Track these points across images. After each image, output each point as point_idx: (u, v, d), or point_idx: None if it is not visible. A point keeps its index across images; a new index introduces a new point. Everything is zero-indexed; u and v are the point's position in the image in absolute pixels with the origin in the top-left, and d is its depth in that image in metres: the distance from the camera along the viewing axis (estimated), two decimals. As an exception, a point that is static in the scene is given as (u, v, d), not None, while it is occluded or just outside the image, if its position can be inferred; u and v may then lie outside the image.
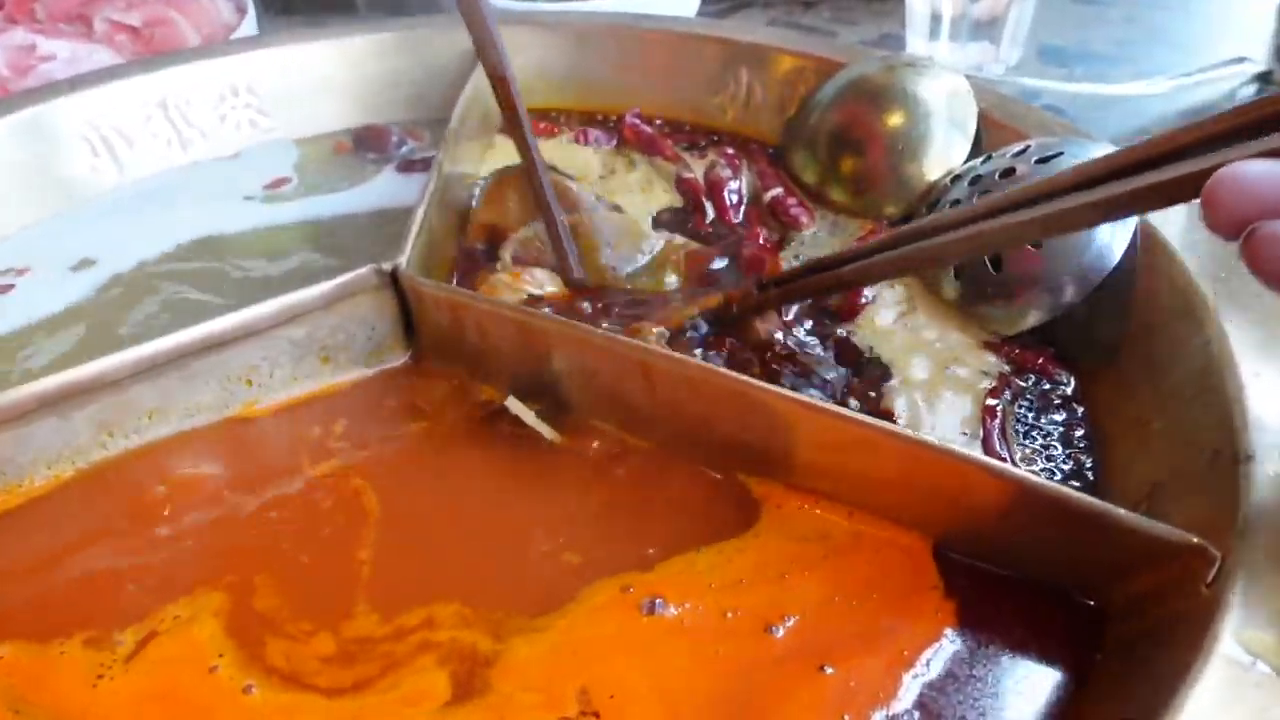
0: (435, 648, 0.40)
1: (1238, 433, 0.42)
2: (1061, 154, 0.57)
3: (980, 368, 0.55)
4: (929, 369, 0.55)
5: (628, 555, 0.44)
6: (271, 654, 0.40)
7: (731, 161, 0.71)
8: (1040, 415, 0.52)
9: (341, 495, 0.48)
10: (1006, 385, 0.54)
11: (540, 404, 0.51)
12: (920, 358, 0.56)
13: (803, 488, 0.47)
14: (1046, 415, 0.52)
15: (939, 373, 0.55)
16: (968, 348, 0.56)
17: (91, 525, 0.47)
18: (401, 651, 0.40)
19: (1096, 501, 0.40)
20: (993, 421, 0.52)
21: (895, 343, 0.57)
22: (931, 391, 0.53)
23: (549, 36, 0.79)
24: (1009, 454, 0.50)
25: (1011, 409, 0.53)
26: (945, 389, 0.54)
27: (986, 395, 0.53)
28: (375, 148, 0.76)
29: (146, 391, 0.49)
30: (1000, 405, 0.53)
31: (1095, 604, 0.42)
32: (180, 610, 0.42)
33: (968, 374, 0.55)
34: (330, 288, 0.52)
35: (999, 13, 0.92)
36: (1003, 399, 0.53)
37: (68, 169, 0.70)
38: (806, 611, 0.42)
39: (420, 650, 0.40)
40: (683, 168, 0.70)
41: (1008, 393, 0.53)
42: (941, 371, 0.55)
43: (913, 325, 0.58)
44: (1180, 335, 0.49)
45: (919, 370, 0.55)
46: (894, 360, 0.55)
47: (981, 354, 0.56)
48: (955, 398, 0.53)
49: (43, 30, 0.86)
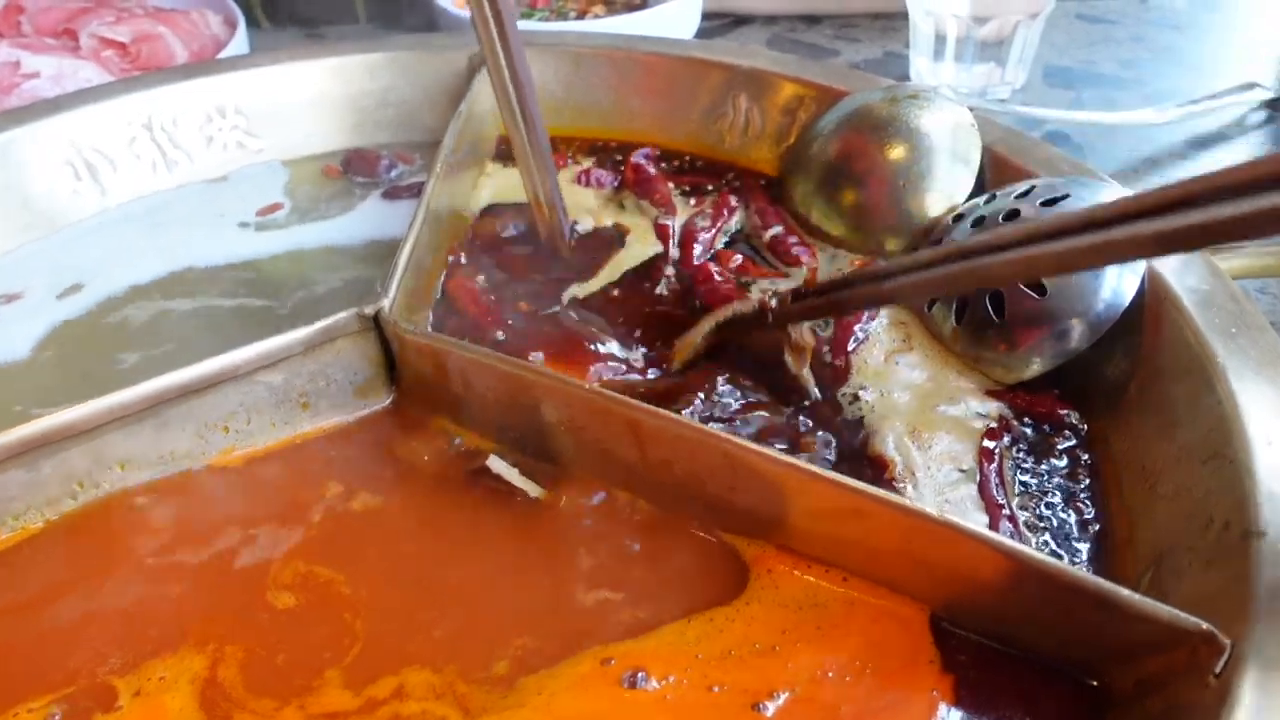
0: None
1: (1249, 505, 0.40)
2: (1068, 195, 0.55)
3: (979, 409, 0.53)
4: (921, 407, 0.53)
5: (612, 622, 0.42)
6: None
7: (725, 208, 0.69)
8: (1042, 463, 0.51)
9: (316, 552, 0.46)
10: (1006, 429, 0.52)
11: (525, 456, 0.49)
12: (913, 396, 0.54)
13: (796, 552, 0.45)
14: (1049, 464, 0.51)
15: (931, 413, 0.53)
16: (968, 391, 0.54)
17: (58, 581, 0.45)
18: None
19: (1098, 580, 0.38)
20: (990, 465, 0.50)
21: (889, 382, 0.55)
22: (924, 431, 0.52)
23: (546, 58, 0.77)
24: (1006, 499, 0.49)
25: (1009, 452, 0.51)
26: (940, 430, 0.52)
27: (983, 436, 0.52)
28: (364, 171, 0.74)
29: (119, 440, 0.48)
30: (998, 448, 0.51)
31: (1099, 686, 0.40)
32: (147, 677, 0.41)
33: (963, 413, 0.53)
34: (310, 332, 0.50)
35: (1005, 35, 0.91)
36: (1000, 442, 0.52)
37: (49, 194, 0.68)
38: (797, 687, 0.40)
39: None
40: (664, 214, 0.69)
41: (1007, 436, 0.52)
42: (934, 411, 0.53)
43: (908, 366, 0.56)
44: (1189, 392, 0.47)
45: (912, 407, 0.53)
46: (885, 398, 0.54)
47: (983, 399, 0.54)
48: (950, 439, 0.51)
49: (29, 45, 0.84)
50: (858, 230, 0.65)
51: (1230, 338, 0.48)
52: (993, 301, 0.54)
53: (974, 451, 0.51)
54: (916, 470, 0.50)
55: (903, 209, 0.63)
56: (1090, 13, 1.11)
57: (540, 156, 0.59)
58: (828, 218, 0.66)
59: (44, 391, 0.55)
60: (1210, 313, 0.49)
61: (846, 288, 0.50)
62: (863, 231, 0.65)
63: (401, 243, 0.55)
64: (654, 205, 0.69)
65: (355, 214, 0.70)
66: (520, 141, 0.59)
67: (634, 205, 0.70)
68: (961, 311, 0.56)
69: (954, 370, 0.56)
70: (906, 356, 0.57)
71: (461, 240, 0.65)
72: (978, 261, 0.43)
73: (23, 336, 0.59)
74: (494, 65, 0.56)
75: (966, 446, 0.51)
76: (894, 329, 0.58)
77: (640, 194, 0.70)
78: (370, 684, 0.40)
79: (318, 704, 0.39)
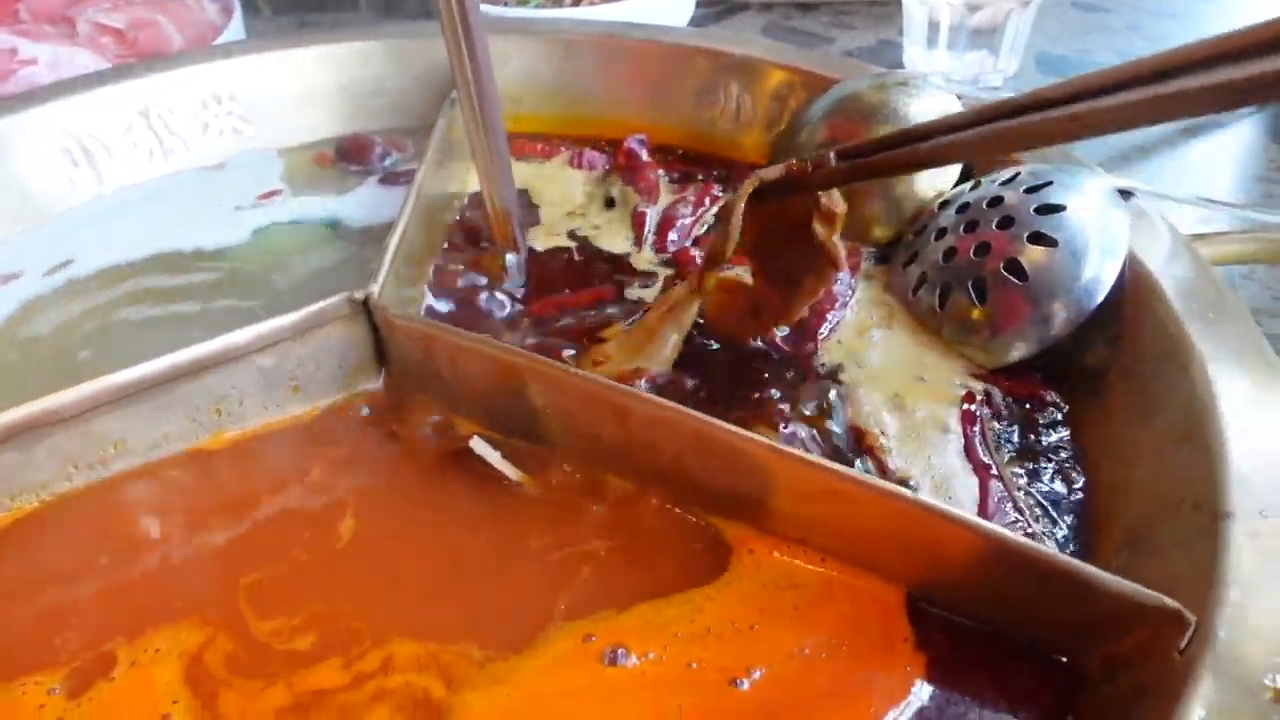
0: (390, 695, 0.40)
1: (1218, 487, 0.41)
2: (1051, 183, 0.56)
3: (960, 384, 0.54)
4: (902, 378, 0.55)
5: (594, 600, 0.43)
6: (224, 704, 0.39)
7: (707, 196, 0.69)
8: (1023, 446, 0.51)
9: (304, 531, 0.47)
10: (987, 401, 0.53)
11: (510, 439, 0.50)
12: (893, 369, 0.55)
13: (776, 533, 0.46)
14: (1029, 446, 0.51)
15: (913, 383, 0.54)
16: (950, 372, 0.55)
17: (54, 560, 0.46)
18: (357, 701, 0.39)
19: (1070, 560, 0.39)
20: (972, 427, 0.51)
21: (866, 355, 0.56)
22: (906, 399, 0.53)
23: (537, 45, 0.78)
24: (992, 459, 0.50)
25: (991, 425, 0.52)
26: (921, 398, 0.53)
27: (963, 400, 0.53)
28: (357, 159, 0.75)
29: (112, 422, 0.48)
30: (979, 409, 0.52)
31: (1070, 664, 0.41)
32: (138, 652, 0.42)
33: (944, 384, 0.54)
34: (301, 316, 0.51)
35: (998, 22, 0.91)
36: (980, 405, 0.53)
37: (45, 180, 0.69)
38: (773, 664, 0.41)
39: (376, 699, 0.39)
40: (645, 201, 0.69)
41: (986, 409, 0.53)
42: (915, 382, 0.54)
43: (887, 343, 0.57)
44: (1166, 377, 0.48)
45: (891, 378, 0.55)
46: (864, 369, 0.55)
47: (964, 379, 0.55)
48: (931, 405, 0.53)
49: (26, 32, 0.85)
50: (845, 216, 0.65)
51: (1208, 324, 0.48)
52: (975, 287, 0.55)
53: (956, 415, 0.52)
54: (891, 436, 0.51)
55: (890, 196, 0.64)
56: (1086, 1, 1.11)
57: (498, 163, 0.59)
58: (816, 204, 0.67)
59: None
60: (1189, 300, 0.50)
61: (884, 149, 0.47)
62: (849, 218, 0.65)
63: (391, 229, 0.56)
64: (637, 192, 0.70)
65: (349, 200, 0.71)
66: (481, 148, 0.59)
67: (619, 191, 0.70)
68: (945, 296, 0.56)
69: (936, 353, 0.56)
70: (885, 332, 0.58)
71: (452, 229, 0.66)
72: (1026, 119, 0.39)
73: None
74: (460, 72, 0.56)
75: (948, 410, 0.52)
76: (875, 308, 0.59)
77: (627, 180, 0.71)
78: (357, 661, 0.41)
79: (304, 682, 0.40)
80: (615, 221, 0.69)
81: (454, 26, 0.53)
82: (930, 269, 0.58)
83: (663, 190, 0.71)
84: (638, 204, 0.69)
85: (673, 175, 0.73)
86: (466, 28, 0.53)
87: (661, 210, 0.69)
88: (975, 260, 0.55)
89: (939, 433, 0.51)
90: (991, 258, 0.54)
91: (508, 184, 0.61)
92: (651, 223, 0.68)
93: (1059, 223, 0.53)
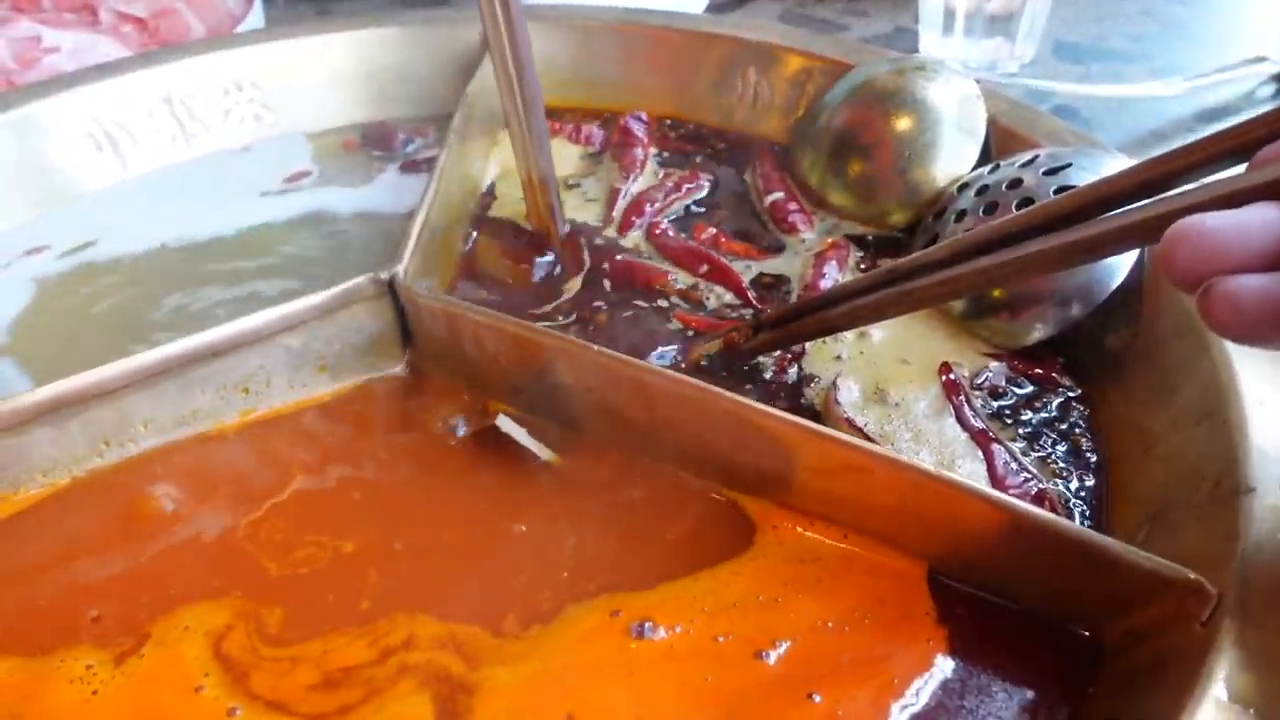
0: (416, 670, 0.40)
1: (1239, 463, 0.41)
2: (1070, 165, 0.56)
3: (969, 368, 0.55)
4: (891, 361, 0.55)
5: (620, 577, 0.44)
6: (256, 677, 0.40)
7: (688, 183, 0.69)
8: (1041, 427, 0.52)
9: (332, 510, 0.47)
10: (977, 380, 0.54)
11: (536, 417, 0.51)
12: (884, 353, 0.56)
13: (799, 509, 0.46)
14: (1050, 427, 0.52)
15: (897, 365, 0.55)
16: (962, 352, 0.56)
17: (86, 536, 0.47)
18: (383, 676, 0.40)
19: (1091, 532, 0.40)
20: (958, 397, 0.52)
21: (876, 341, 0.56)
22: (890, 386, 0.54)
23: (555, 32, 0.78)
24: (985, 424, 0.50)
25: (970, 388, 0.53)
26: (906, 381, 0.54)
27: (940, 372, 0.53)
28: (382, 145, 0.76)
29: (143, 400, 0.49)
30: (956, 377, 0.53)
31: (1090, 637, 0.41)
32: (169, 627, 0.42)
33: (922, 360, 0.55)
34: (327, 297, 0.51)
35: (1014, 8, 0.91)
36: (960, 373, 0.53)
37: (70, 165, 0.70)
38: (798, 637, 0.41)
39: (401, 674, 0.40)
40: (624, 179, 0.69)
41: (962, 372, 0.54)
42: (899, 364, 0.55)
43: (899, 331, 0.57)
44: (1185, 357, 0.48)
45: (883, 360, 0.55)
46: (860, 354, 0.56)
47: (978, 359, 0.55)
48: (914, 386, 0.53)
49: (49, 21, 0.85)
50: (863, 200, 0.66)
51: (1227, 303, 0.48)
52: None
53: (937, 386, 0.53)
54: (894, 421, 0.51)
55: (908, 179, 0.64)
56: (1101, -13, 1.11)
57: (537, 137, 0.60)
58: (834, 188, 0.67)
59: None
60: (1208, 279, 0.50)
61: (797, 318, 0.52)
62: (868, 202, 0.66)
63: (415, 212, 0.57)
64: (621, 169, 0.70)
65: (373, 185, 0.72)
66: (517, 121, 0.59)
67: (604, 168, 0.71)
68: (964, 279, 0.57)
69: (948, 333, 0.57)
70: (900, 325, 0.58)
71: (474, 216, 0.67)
72: (909, 285, 0.46)
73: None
74: (496, 44, 0.56)
75: (930, 387, 0.53)
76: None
77: (616, 156, 0.71)
78: (382, 637, 0.42)
79: (331, 659, 0.41)
80: (592, 199, 0.69)
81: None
82: (950, 251, 0.58)
83: (649, 170, 0.71)
84: (614, 181, 0.69)
85: (663, 156, 0.73)
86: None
87: (635, 191, 0.69)
88: (995, 242, 0.55)
89: (928, 408, 0.52)
90: (1011, 239, 0.55)
91: (545, 155, 0.60)
92: (624, 201, 0.68)
93: (1079, 204, 0.54)
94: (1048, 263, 0.40)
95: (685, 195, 0.69)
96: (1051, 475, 0.49)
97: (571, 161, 0.73)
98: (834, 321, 0.50)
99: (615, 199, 0.68)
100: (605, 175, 0.71)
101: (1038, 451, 0.50)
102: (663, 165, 0.72)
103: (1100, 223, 0.38)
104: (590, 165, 0.73)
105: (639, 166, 0.71)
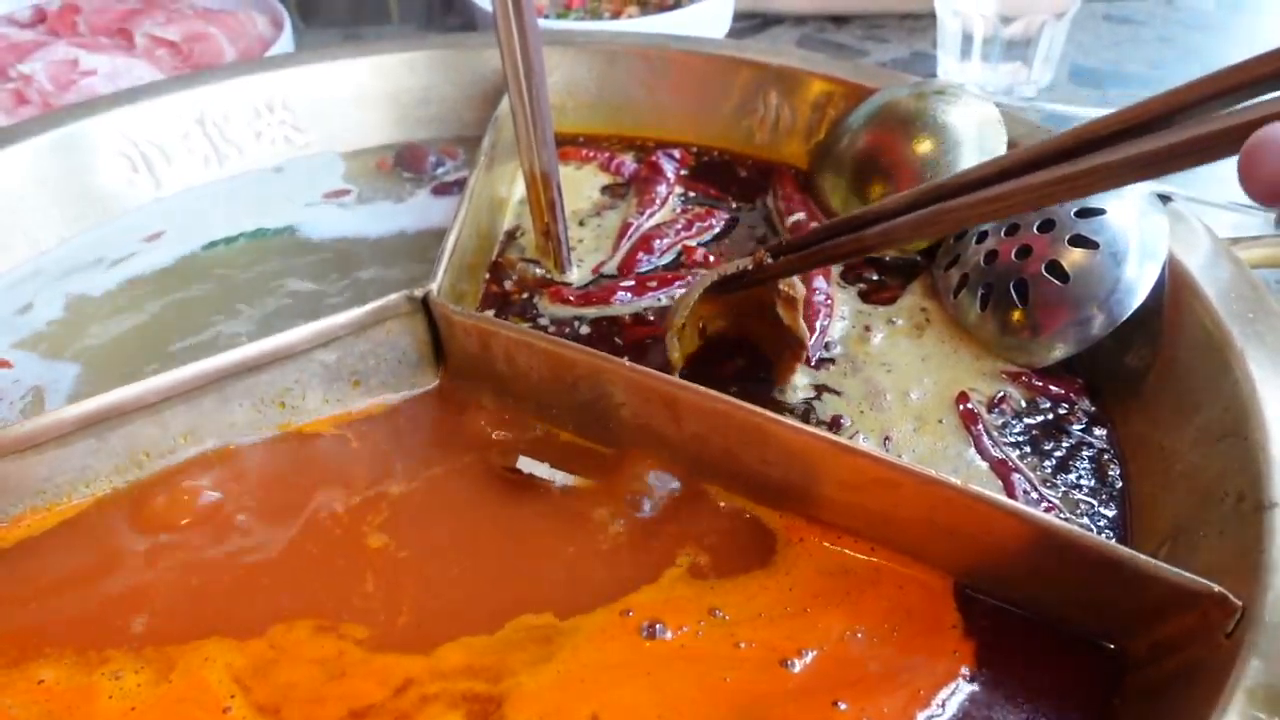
0: (441, 696, 0.41)
1: (1263, 479, 0.42)
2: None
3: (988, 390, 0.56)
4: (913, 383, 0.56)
5: (645, 587, 0.45)
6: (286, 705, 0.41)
7: (699, 220, 0.70)
8: (1066, 445, 0.52)
9: (362, 525, 0.48)
10: (997, 402, 0.55)
11: (566, 431, 0.52)
12: (912, 374, 0.57)
13: (826, 522, 0.47)
14: (1072, 445, 0.52)
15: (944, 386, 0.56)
16: (983, 374, 0.56)
17: (126, 547, 0.48)
18: (409, 703, 0.41)
19: (1117, 546, 0.40)
20: (977, 426, 0.53)
21: (896, 360, 0.58)
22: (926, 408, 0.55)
23: (579, 57, 0.80)
24: (1004, 453, 0.51)
25: (989, 416, 0.54)
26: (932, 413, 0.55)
27: (956, 401, 0.54)
28: (413, 167, 0.77)
29: (182, 413, 0.50)
30: (974, 407, 0.54)
31: (1115, 649, 0.42)
32: (200, 642, 0.43)
33: (970, 382, 0.56)
34: (362, 313, 0.52)
35: (1032, 34, 0.92)
36: (978, 403, 0.54)
37: (106, 184, 0.72)
38: (824, 646, 0.42)
39: (426, 701, 0.41)
40: (637, 216, 0.70)
41: (977, 402, 0.54)
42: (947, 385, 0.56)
43: (922, 349, 0.58)
44: (1207, 375, 0.49)
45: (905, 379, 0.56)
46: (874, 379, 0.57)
47: (998, 380, 0.56)
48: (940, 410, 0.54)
49: (85, 45, 0.87)
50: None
51: (1248, 323, 0.49)
52: (1017, 289, 0.56)
53: (955, 416, 0.54)
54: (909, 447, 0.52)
55: (929, 202, 0.65)
56: (1118, 14, 1.12)
57: (541, 132, 0.60)
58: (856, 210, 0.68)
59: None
60: (1229, 300, 0.51)
61: (830, 237, 0.51)
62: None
63: (448, 231, 0.58)
64: (639, 205, 0.71)
65: (405, 206, 0.73)
66: (523, 116, 0.59)
67: (627, 201, 0.72)
68: (986, 299, 0.57)
69: (970, 354, 0.58)
70: (921, 340, 0.59)
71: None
72: (954, 202, 0.44)
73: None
74: (505, 36, 0.56)
75: (949, 413, 0.54)
76: (914, 313, 0.60)
77: (637, 190, 0.72)
78: (411, 654, 0.42)
79: (359, 687, 0.42)
80: (606, 230, 0.70)
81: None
82: (972, 271, 0.59)
83: (669, 208, 0.72)
84: (628, 215, 0.70)
85: (688, 196, 0.74)
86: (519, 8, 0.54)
87: (647, 228, 0.69)
88: (1017, 263, 0.56)
89: (947, 434, 0.53)
90: (1033, 260, 0.56)
91: (548, 151, 0.61)
92: (629, 242, 0.68)
93: (1099, 226, 0.55)
94: (1110, 177, 0.38)
95: (696, 235, 0.69)
96: (1072, 505, 0.49)
97: (592, 186, 0.74)
98: (869, 241, 0.50)
99: (624, 232, 0.69)
100: (626, 208, 0.72)
101: (1058, 473, 0.51)
102: (685, 204, 0.73)
103: (1174, 132, 0.35)
104: (610, 199, 0.73)
105: (659, 204, 0.72)
